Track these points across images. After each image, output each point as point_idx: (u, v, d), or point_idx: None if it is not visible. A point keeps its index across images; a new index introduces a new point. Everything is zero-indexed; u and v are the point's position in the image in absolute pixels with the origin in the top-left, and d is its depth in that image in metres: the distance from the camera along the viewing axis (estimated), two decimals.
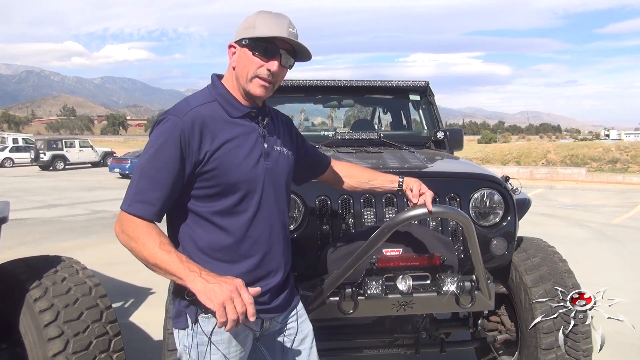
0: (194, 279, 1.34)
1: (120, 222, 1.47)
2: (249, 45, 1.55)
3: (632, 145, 23.29)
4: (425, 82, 4.17)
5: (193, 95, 1.62)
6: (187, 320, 1.55)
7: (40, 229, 9.50)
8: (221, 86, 1.62)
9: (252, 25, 1.55)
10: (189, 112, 1.51)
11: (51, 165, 27.26)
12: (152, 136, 1.51)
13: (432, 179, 2.80)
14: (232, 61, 1.60)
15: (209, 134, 1.51)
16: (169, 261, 1.38)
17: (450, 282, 2.30)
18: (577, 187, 17.33)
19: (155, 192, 1.46)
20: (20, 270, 2.26)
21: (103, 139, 68.78)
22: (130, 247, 1.45)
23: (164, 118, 1.52)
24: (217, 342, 1.53)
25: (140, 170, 1.48)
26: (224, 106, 1.58)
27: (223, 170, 1.51)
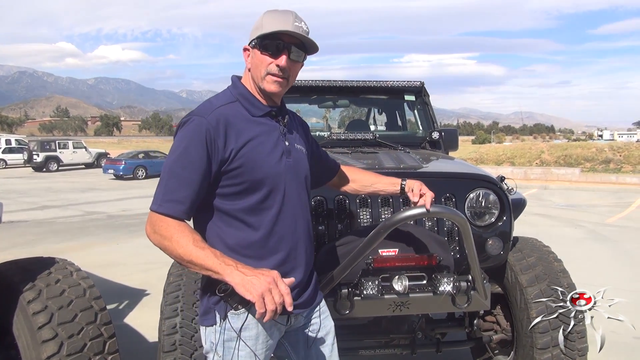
0: (232, 272, 1.38)
1: (151, 222, 1.49)
2: (258, 44, 1.59)
3: (625, 145, 23.44)
4: (421, 82, 4.17)
5: (215, 97, 1.66)
6: (216, 317, 1.57)
7: (33, 231, 9.44)
8: (242, 86, 1.66)
9: (260, 25, 1.59)
10: (213, 112, 1.55)
11: (44, 167, 27.10)
12: (178, 137, 1.54)
13: (428, 179, 2.80)
14: (247, 63, 1.65)
15: (233, 133, 1.54)
16: (204, 257, 1.41)
17: (447, 282, 2.30)
18: (571, 187, 17.42)
19: (184, 191, 1.48)
20: (13, 272, 2.24)
21: (97, 140, 68.47)
22: (163, 246, 1.47)
23: (189, 119, 1.55)
24: (245, 338, 1.56)
25: (169, 170, 1.51)
26: (245, 106, 1.62)
27: (248, 168, 1.54)
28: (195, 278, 2.54)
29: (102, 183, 20.29)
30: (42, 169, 27.08)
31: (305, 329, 1.74)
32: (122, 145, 59.90)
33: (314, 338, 1.75)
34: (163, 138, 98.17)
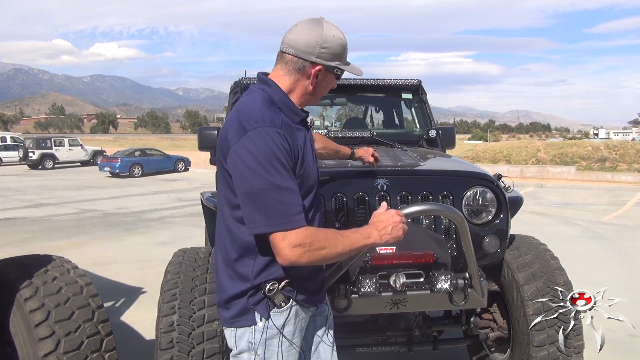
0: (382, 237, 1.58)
1: (294, 244, 1.44)
2: (338, 75, 1.68)
3: (620, 144, 23.51)
4: (418, 80, 4.17)
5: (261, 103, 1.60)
6: (255, 317, 1.60)
7: (29, 229, 9.41)
8: (281, 92, 1.64)
9: (342, 54, 1.66)
10: (281, 120, 1.57)
11: (40, 164, 26.98)
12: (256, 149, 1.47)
13: (425, 177, 2.81)
14: (313, 81, 1.65)
15: (295, 141, 1.58)
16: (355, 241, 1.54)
17: (444, 280, 2.31)
18: (567, 186, 17.47)
19: (297, 198, 1.50)
20: (10, 270, 2.23)
21: (93, 138, 68.26)
22: (319, 256, 1.49)
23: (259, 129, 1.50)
24: (286, 333, 1.63)
25: (271, 186, 1.45)
26: (286, 113, 1.62)
27: (306, 173, 1.61)
28: (193, 276, 2.53)
29: (98, 181, 20.23)
30: (37, 167, 26.97)
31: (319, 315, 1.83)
32: (118, 143, 59.74)
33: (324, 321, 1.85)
34: (159, 136, 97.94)
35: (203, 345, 2.33)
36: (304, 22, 1.64)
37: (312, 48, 1.59)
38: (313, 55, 1.60)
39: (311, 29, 1.61)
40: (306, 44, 1.59)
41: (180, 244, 3.95)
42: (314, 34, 1.60)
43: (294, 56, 1.61)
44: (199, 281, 2.50)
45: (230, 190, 1.56)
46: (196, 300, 2.42)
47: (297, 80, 1.64)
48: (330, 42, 1.61)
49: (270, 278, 1.58)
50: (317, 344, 1.82)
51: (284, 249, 1.44)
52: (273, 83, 1.65)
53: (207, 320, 2.38)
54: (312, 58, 1.61)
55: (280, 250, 1.44)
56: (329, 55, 1.62)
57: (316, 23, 1.62)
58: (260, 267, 1.59)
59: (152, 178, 21.56)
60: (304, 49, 1.60)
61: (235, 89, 4.02)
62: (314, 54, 1.60)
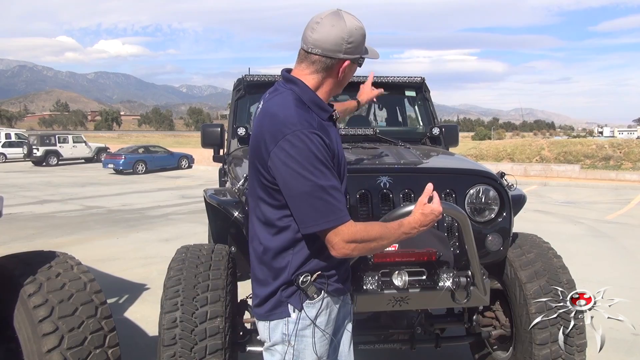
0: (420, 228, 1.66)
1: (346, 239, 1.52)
2: (360, 63, 1.70)
3: (625, 142, 23.42)
4: (421, 78, 4.17)
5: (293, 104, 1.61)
6: (289, 309, 1.64)
7: (33, 225, 9.45)
8: (310, 91, 1.65)
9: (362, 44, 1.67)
10: (316, 122, 1.59)
11: (44, 161, 27.06)
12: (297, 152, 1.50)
13: (428, 175, 2.80)
14: (342, 73, 1.67)
15: (331, 139, 1.61)
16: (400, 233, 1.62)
17: (446, 277, 2.31)
18: (571, 184, 17.41)
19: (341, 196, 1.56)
20: (14, 266, 2.24)
21: (97, 135, 68.38)
22: (369, 249, 1.59)
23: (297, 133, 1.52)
24: (319, 324, 1.67)
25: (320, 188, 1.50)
26: (315, 111, 1.64)
27: (342, 168, 1.67)
28: (196, 273, 2.54)
29: (102, 177, 20.28)
30: (41, 163, 27.05)
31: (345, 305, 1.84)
32: (122, 139, 59.88)
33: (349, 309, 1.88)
34: (163, 133, 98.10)
35: (206, 341, 2.34)
36: (325, 18, 1.62)
37: (339, 45, 1.61)
38: (341, 52, 1.62)
39: (334, 25, 1.60)
40: (333, 42, 1.60)
41: (183, 240, 3.96)
42: (339, 30, 1.60)
43: (322, 56, 1.62)
44: (201, 278, 2.51)
45: (267, 190, 1.60)
46: (199, 297, 2.43)
47: (324, 77, 1.66)
48: (355, 36, 1.62)
49: (304, 271, 1.62)
50: (341, 333, 1.86)
51: (337, 243, 1.52)
52: (301, 82, 1.65)
53: (209, 316, 2.38)
54: (340, 55, 1.62)
55: (334, 245, 1.53)
56: (354, 49, 1.63)
57: (337, 17, 1.61)
58: (299, 262, 1.63)
59: (156, 175, 21.60)
60: (331, 48, 1.60)
61: (239, 86, 4.02)
62: (341, 51, 1.61)
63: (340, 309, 1.80)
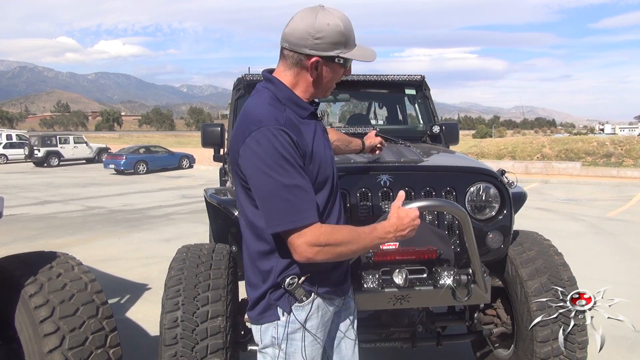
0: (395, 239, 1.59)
1: (309, 242, 1.46)
2: (343, 64, 1.62)
3: (626, 139, 23.39)
4: (421, 76, 4.16)
5: (267, 102, 1.60)
6: (278, 312, 1.62)
7: (34, 226, 9.46)
8: (286, 88, 1.63)
9: (343, 42, 1.59)
10: (285, 119, 1.55)
11: (45, 162, 27.10)
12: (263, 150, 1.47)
13: (428, 173, 2.80)
14: (313, 73, 1.61)
15: (302, 136, 1.56)
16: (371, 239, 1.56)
17: (447, 275, 2.31)
18: (572, 181, 17.40)
19: (308, 196, 1.49)
20: (15, 267, 2.24)
21: (98, 135, 68.40)
22: (336, 254, 1.51)
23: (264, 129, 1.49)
24: (309, 327, 1.63)
25: (279, 185, 1.46)
26: (293, 109, 1.61)
27: (319, 168, 1.59)
28: (197, 272, 2.54)
29: (103, 178, 20.30)
30: (43, 164, 27.08)
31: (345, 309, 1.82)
32: (123, 140, 59.89)
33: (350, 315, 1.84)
34: (164, 133, 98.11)
35: (207, 341, 2.34)
36: (299, 12, 1.61)
37: (305, 40, 1.56)
38: (307, 48, 1.56)
39: (303, 19, 1.57)
40: (298, 36, 1.56)
41: (184, 240, 3.96)
42: (306, 24, 1.56)
43: (290, 50, 1.59)
44: (202, 277, 2.51)
45: (244, 190, 1.58)
46: (200, 297, 2.43)
47: (297, 74, 1.62)
48: (325, 32, 1.56)
49: (291, 273, 1.59)
50: (339, 339, 1.82)
51: (299, 246, 1.46)
52: (277, 80, 1.63)
53: (210, 316, 2.38)
54: (306, 50, 1.57)
55: (296, 248, 1.47)
56: (325, 45, 1.57)
57: (310, 13, 1.58)
58: (284, 265, 1.60)
59: (157, 175, 21.62)
60: (296, 42, 1.57)
61: (239, 86, 4.02)
62: (307, 45, 1.56)
63: (337, 315, 1.78)
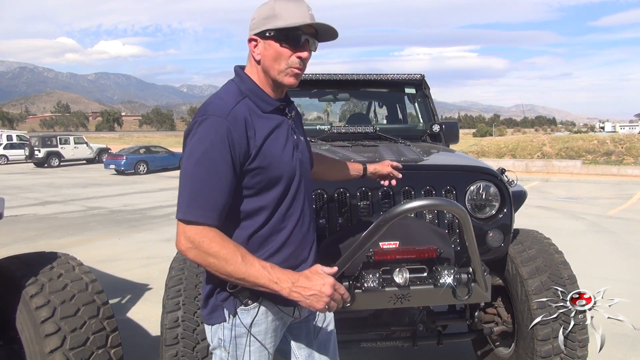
0: (290, 293, 1.41)
1: (187, 237, 1.42)
2: (275, 36, 1.52)
3: (626, 137, 23.40)
4: (421, 75, 4.16)
5: (224, 93, 1.57)
6: (225, 313, 1.57)
7: (35, 226, 9.46)
8: (250, 81, 1.59)
9: (273, 15, 1.52)
10: (231, 111, 1.48)
11: (46, 162, 27.12)
12: (196, 138, 1.45)
13: (428, 172, 2.81)
14: (255, 55, 1.57)
15: (252, 131, 1.49)
16: (257, 275, 1.40)
17: (447, 274, 2.30)
18: (572, 180, 17.40)
19: (211, 196, 1.43)
20: (15, 267, 2.25)
21: (98, 136, 68.44)
22: (207, 263, 1.42)
23: (205, 118, 1.46)
24: (255, 333, 1.57)
25: (191, 175, 1.43)
26: (255, 101, 1.56)
27: (267, 166, 1.51)
28: (197, 272, 2.55)
29: (104, 178, 20.31)
30: (43, 165, 27.10)
31: (308, 321, 1.76)
32: (123, 140, 59.91)
33: (319, 328, 1.77)
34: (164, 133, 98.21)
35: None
36: None
37: (250, 27, 1.57)
38: (250, 33, 1.57)
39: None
40: (249, 27, 1.58)
41: None
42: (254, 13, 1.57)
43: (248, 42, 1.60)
44: (203, 277, 2.51)
45: None
46: (200, 297, 2.43)
47: (253, 66, 1.60)
48: (258, 12, 1.55)
49: None
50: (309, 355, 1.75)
51: (178, 235, 1.43)
52: (242, 72, 1.61)
53: None
54: (250, 36, 1.57)
55: (177, 235, 1.43)
56: (257, 23, 1.54)
57: None
58: None
59: (157, 175, 21.62)
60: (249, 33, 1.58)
61: None
62: (250, 30, 1.57)
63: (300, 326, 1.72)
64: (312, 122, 6.89)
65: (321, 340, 1.78)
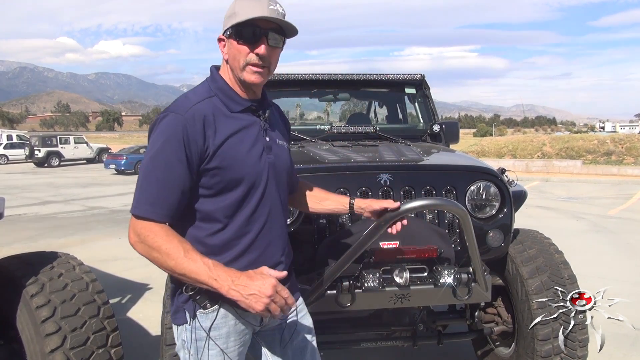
0: (229, 291, 1.36)
1: (134, 230, 1.42)
2: (233, 34, 1.51)
3: (626, 137, 23.40)
4: (421, 75, 4.16)
5: (193, 91, 1.58)
6: (186, 315, 1.54)
7: (35, 226, 9.47)
8: (221, 80, 1.58)
9: (233, 13, 1.51)
10: (191, 108, 1.47)
11: (46, 162, 27.14)
12: (154, 135, 1.46)
13: (428, 171, 2.81)
14: (224, 55, 1.57)
15: (212, 130, 1.47)
16: (198, 271, 1.37)
17: (447, 274, 2.31)
18: (573, 180, 17.40)
19: (163, 193, 1.42)
20: (16, 267, 2.25)
21: (98, 135, 68.45)
22: (151, 257, 1.41)
23: (165, 116, 1.47)
24: (215, 337, 1.53)
25: (145, 171, 1.44)
26: (224, 101, 1.54)
27: (227, 166, 1.48)
28: None
29: (104, 178, 20.31)
30: (43, 165, 27.13)
31: (281, 328, 1.71)
32: (124, 140, 59.89)
33: (289, 337, 1.72)
34: None
35: None
36: None
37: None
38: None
39: None
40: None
41: None
42: None
43: None
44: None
45: None
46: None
47: (224, 66, 1.60)
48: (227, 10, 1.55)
49: None
50: None
51: (129, 229, 1.43)
52: (215, 72, 1.61)
53: None
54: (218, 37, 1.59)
55: (128, 229, 1.44)
56: (223, 23, 1.55)
57: None
58: None
59: None
60: None
61: None
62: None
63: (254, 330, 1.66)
64: (313, 121, 6.90)
65: (297, 348, 1.72)
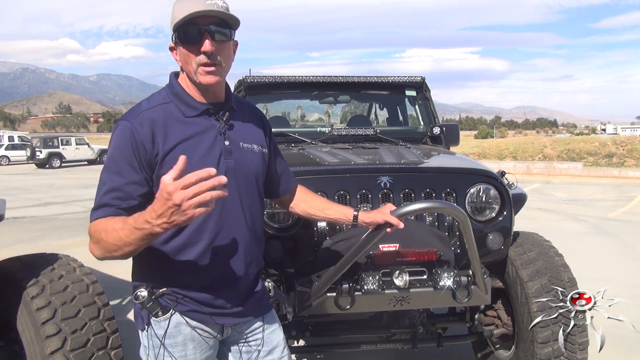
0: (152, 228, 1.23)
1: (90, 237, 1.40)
2: (179, 38, 1.49)
3: (628, 139, 23.37)
4: (421, 77, 4.17)
5: (148, 98, 1.57)
6: (143, 322, 1.55)
7: (36, 227, 9.47)
8: (177, 85, 1.56)
9: (173, 17, 1.48)
10: (139, 115, 1.47)
11: (47, 163, 27.18)
12: (110, 142, 1.48)
13: (428, 174, 2.81)
14: (178, 62, 1.55)
15: (161, 136, 1.45)
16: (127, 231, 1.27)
17: (447, 277, 2.31)
18: (574, 182, 17.37)
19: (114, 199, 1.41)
20: (16, 268, 2.25)
21: (99, 137, 68.57)
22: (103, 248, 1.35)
23: (118, 123, 1.49)
24: (170, 345, 1.53)
25: (100, 179, 1.45)
26: (178, 106, 1.53)
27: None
28: None
29: None
30: (45, 166, 27.16)
31: (246, 343, 1.69)
32: None
33: (256, 353, 1.69)
34: None
35: None
36: None
37: None
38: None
39: None
40: None
41: None
42: None
43: None
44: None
45: None
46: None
47: (181, 72, 1.58)
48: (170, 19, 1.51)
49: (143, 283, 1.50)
50: None
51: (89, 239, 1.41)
52: (172, 78, 1.59)
53: None
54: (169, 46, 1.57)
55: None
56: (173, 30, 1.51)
57: None
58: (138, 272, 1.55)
59: None
60: None
61: (239, 87, 4.03)
62: None
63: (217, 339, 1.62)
64: (313, 124, 6.91)
65: None
